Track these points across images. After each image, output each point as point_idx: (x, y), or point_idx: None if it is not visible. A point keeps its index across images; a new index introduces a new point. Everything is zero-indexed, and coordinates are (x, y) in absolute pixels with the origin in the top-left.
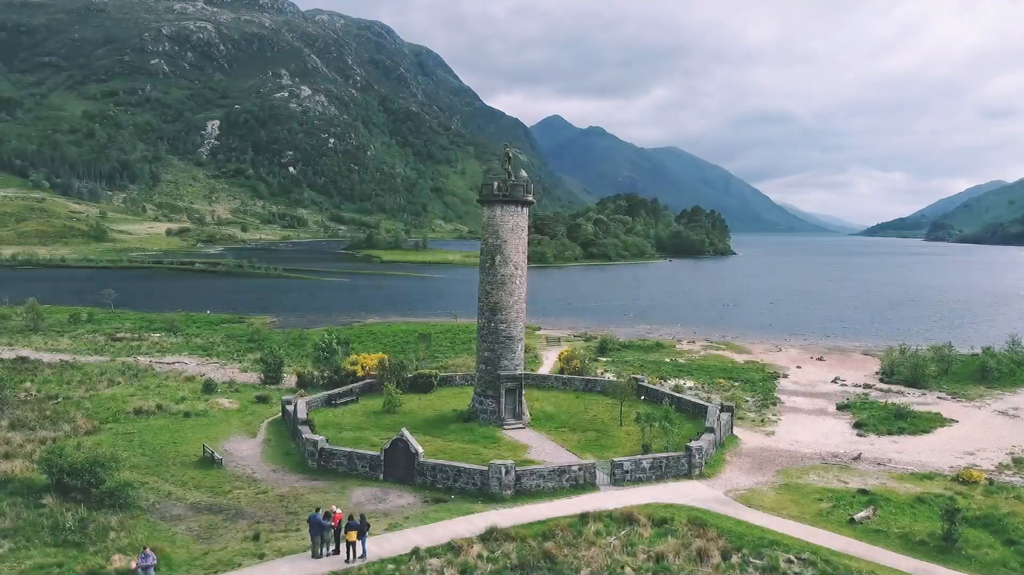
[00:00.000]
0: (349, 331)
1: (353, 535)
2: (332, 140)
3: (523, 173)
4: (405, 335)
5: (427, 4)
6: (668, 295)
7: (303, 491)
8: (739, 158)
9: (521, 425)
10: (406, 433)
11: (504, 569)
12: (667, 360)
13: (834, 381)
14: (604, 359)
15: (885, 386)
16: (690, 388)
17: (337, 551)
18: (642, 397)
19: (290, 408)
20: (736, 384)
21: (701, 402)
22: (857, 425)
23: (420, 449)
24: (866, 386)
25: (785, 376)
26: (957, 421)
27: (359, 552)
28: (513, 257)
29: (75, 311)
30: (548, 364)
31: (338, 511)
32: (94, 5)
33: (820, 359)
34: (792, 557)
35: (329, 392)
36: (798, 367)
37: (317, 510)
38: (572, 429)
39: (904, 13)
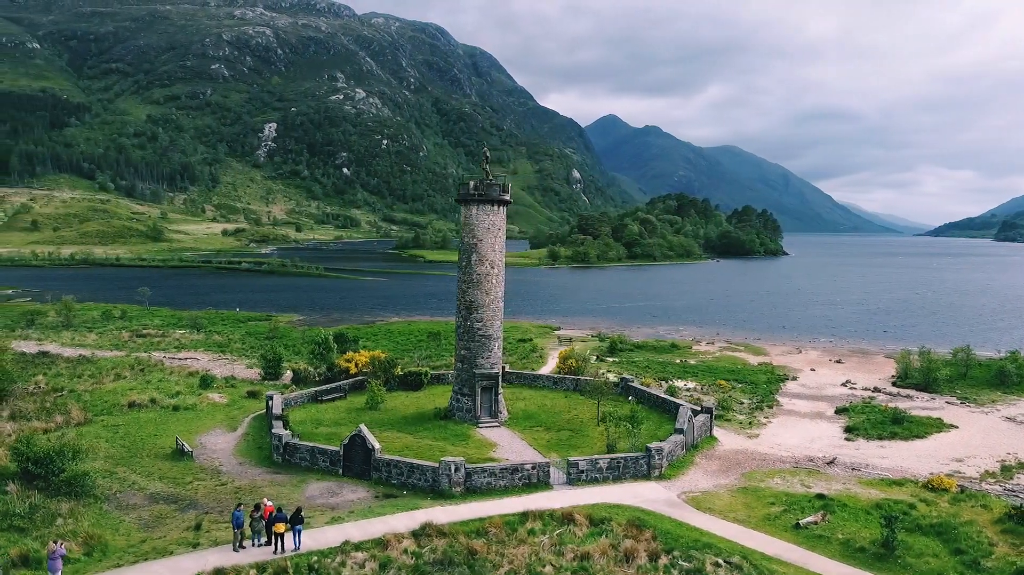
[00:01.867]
0: (369, 329)
1: (281, 527)
2: (385, 141)
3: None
4: (420, 334)
5: (478, 4)
6: (702, 296)
7: (261, 484)
8: (799, 156)
9: (496, 423)
10: (364, 429)
11: (424, 564)
12: (677, 361)
13: (843, 384)
14: (611, 360)
15: (895, 390)
16: (687, 390)
17: (269, 542)
18: (630, 397)
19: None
20: (738, 386)
21: (684, 404)
22: (848, 429)
23: (377, 445)
24: (875, 389)
25: (794, 379)
26: (957, 427)
27: (292, 544)
28: (489, 256)
29: (108, 308)
30: (552, 363)
31: (268, 504)
32: (159, 13)
33: (838, 362)
34: (721, 560)
35: (316, 388)
36: (812, 369)
37: (239, 506)
38: (547, 428)
39: (973, 4)
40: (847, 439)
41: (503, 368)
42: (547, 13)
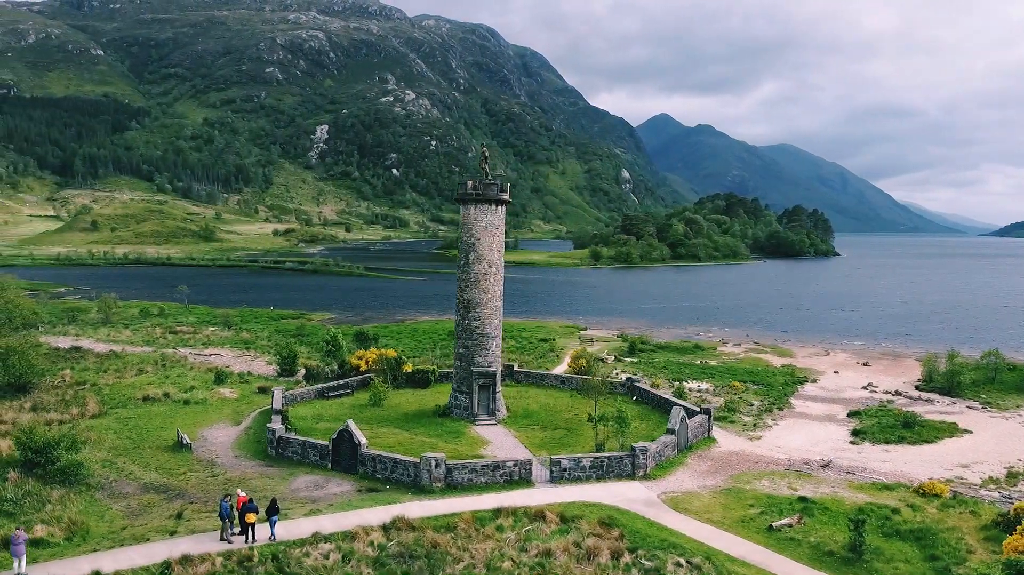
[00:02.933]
0: (396, 328)
1: (252, 517)
2: (434, 142)
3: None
4: (442, 332)
5: (527, 4)
6: (741, 297)
7: (251, 476)
8: (857, 155)
9: (493, 421)
10: (351, 425)
11: (385, 557)
12: (698, 362)
13: (864, 387)
14: (629, 360)
15: (917, 394)
16: (700, 391)
17: (243, 532)
18: (635, 397)
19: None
20: (752, 388)
21: (679, 404)
22: (855, 432)
23: (363, 440)
24: (896, 393)
25: (814, 381)
26: (971, 431)
27: (267, 534)
28: (487, 255)
29: (146, 306)
30: (565, 363)
31: (242, 495)
32: (216, 19)
33: (865, 364)
34: (683, 560)
35: (323, 385)
36: (835, 372)
37: (226, 496)
38: (544, 427)
39: None
40: (852, 442)
41: (512, 367)
42: (595, 12)
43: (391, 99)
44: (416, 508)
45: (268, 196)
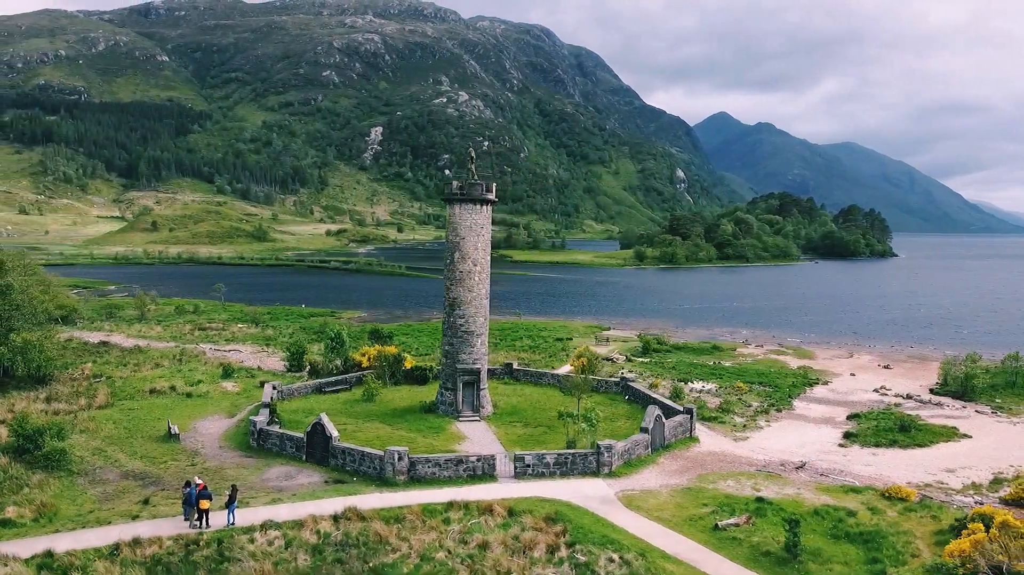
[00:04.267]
0: (417, 326)
1: (206, 503)
2: (486, 143)
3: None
4: None
5: (580, 3)
6: (782, 298)
7: (228, 466)
8: (924, 152)
9: (477, 418)
10: (324, 418)
11: (324, 545)
12: (711, 363)
13: (876, 390)
14: (640, 360)
15: (929, 397)
16: (704, 391)
17: (200, 518)
18: (627, 396)
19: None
20: (758, 389)
21: (657, 403)
22: (847, 435)
23: (335, 433)
24: (907, 396)
25: (825, 383)
26: (971, 436)
27: (226, 521)
28: (472, 254)
29: (182, 303)
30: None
31: (200, 482)
32: (276, 23)
33: (886, 367)
34: (616, 556)
35: (321, 380)
36: (852, 374)
37: (187, 484)
38: (527, 424)
39: None
40: (841, 445)
41: (511, 365)
42: (649, 10)
43: (444, 100)
44: (374, 500)
45: (323, 197)
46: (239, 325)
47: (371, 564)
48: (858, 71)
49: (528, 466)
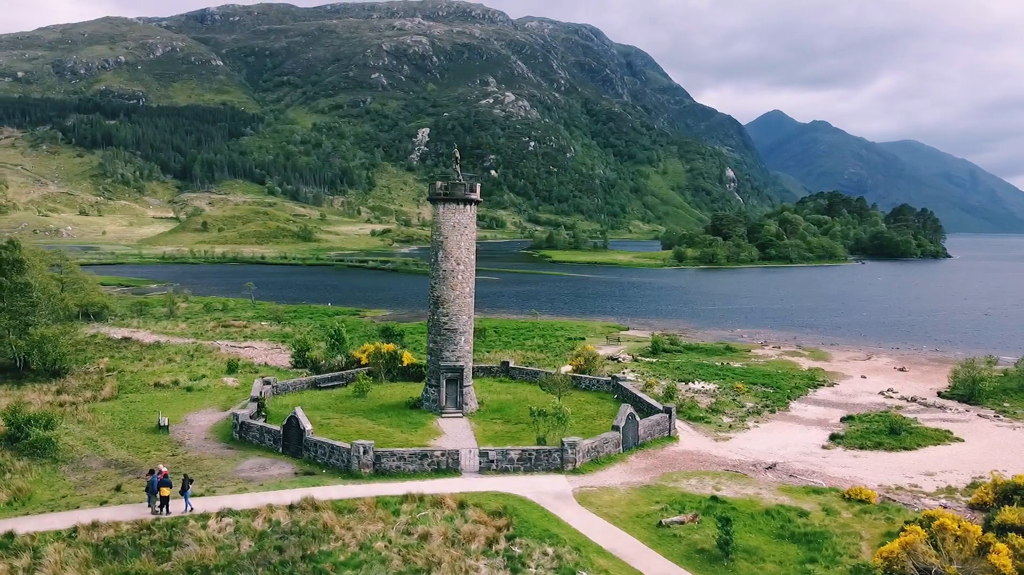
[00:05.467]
0: None
1: (167, 491)
2: (532, 143)
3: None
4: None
5: (626, 2)
6: (815, 299)
7: (207, 457)
8: (988, 150)
9: (460, 414)
10: (298, 412)
11: (270, 533)
12: (718, 364)
13: (882, 392)
14: (646, 360)
15: (934, 400)
16: (696, 392)
17: (162, 505)
18: (616, 395)
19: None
20: (758, 390)
21: (652, 402)
22: (833, 437)
23: (308, 427)
24: (912, 399)
25: (831, 385)
26: (963, 440)
27: (183, 508)
28: (455, 253)
29: (212, 301)
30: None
31: (164, 469)
32: (326, 27)
33: (901, 369)
34: (551, 550)
35: (317, 376)
36: (863, 376)
37: (151, 472)
38: (507, 421)
39: None
40: (824, 447)
41: (507, 363)
42: (697, 7)
43: (491, 101)
44: (335, 491)
45: (370, 197)
46: (262, 322)
47: (309, 551)
48: (916, 67)
49: (492, 461)
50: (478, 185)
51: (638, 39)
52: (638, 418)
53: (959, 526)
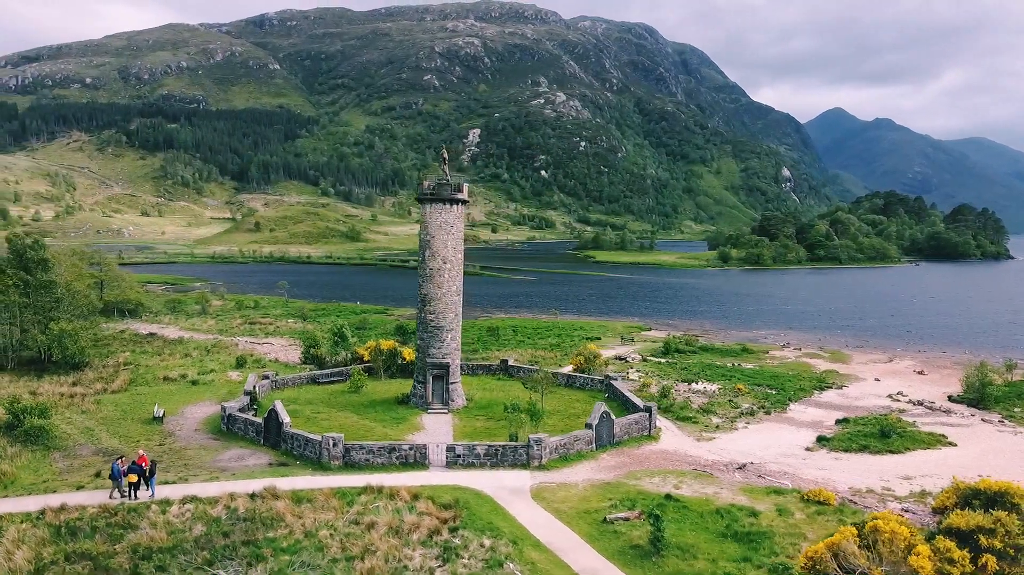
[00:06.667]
0: (465, 324)
1: (133, 477)
2: (583, 143)
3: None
4: (483, 330)
5: (678, 0)
6: (855, 300)
7: (191, 447)
8: None
9: (445, 410)
10: (278, 405)
11: (225, 519)
12: (729, 365)
13: (890, 395)
14: (657, 361)
15: (940, 404)
16: (695, 393)
17: (132, 489)
18: (607, 395)
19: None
20: (760, 391)
21: (638, 402)
22: (820, 439)
23: (286, 420)
24: (919, 403)
25: (839, 388)
26: (956, 445)
27: (148, 492)
28: (441, 252)
29: (243, 299)
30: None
31: (142, 453)
32: (380, 30)
33: (920, 373)
34: (488, 542)
35: (315, 372)
36: (876, 379)
37: (119, 458)
38: (490, 417)
39: None
40: (807, 449)
41: (507, 361)
42: (752, 3)
43: (541, 101)
44: (301, 482)
45: None
46: (288, 320)
47: (254, 537)
48: (985, 61)
49: (459, 456)
50: (465, 186)
51: (692, 37)
52: (613, 416)
53: (890, 528)
